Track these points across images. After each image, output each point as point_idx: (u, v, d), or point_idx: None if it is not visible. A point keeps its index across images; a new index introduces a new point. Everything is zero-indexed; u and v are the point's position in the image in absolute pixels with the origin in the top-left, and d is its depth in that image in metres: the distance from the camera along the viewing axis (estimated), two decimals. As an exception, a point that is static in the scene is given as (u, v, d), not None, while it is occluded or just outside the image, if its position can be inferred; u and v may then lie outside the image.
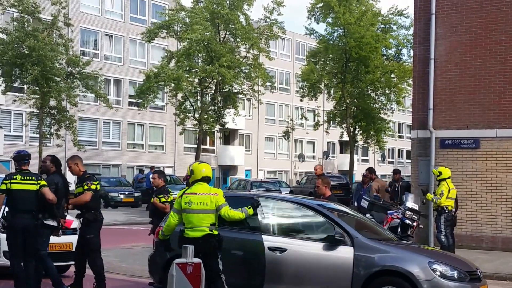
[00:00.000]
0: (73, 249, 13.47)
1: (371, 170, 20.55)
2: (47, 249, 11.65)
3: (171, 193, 14.09)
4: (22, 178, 11.45)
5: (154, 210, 13.89)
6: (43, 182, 11.52)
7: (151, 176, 14.67)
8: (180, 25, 42.26)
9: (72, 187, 12.53)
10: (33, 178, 11.51)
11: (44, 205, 11.48)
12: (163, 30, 42.41)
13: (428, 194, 17.10)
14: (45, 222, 11.50)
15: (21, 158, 11.69)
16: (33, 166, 30.98)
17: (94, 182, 11.86)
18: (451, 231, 17.24)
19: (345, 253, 10.14)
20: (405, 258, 10.02)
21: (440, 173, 17.02)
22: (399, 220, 16.14)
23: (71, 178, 47.01)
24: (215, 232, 9.83)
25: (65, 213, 11.94)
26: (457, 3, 20.77)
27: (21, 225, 11.33)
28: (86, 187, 11.73)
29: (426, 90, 21.07)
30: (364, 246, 10.14)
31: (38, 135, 37.21)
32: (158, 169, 14.65)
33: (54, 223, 11.60)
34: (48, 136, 37.18)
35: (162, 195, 13.72)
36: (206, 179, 10.09)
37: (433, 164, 20.45)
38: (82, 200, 11.71)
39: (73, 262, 13.67)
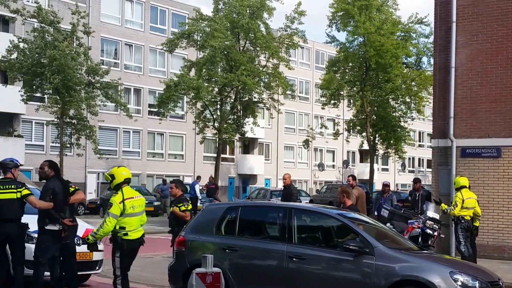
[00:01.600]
0: (94, 258, 13.54)
1: (354, 177, 20.33)
2: (46, 257, 11.62)
3: (189, 202, 14.18)
4: (2, 187, 11.53)
5: (174, 219, 13.94)
6: (25, 192, 11.57)
7: (170, 186, 14.73)
8: (200, 35, 42.38)
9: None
10: (13, 186, 11.57)
11: (42, 211, 11.57)
12: (183, 40, 42.52)
13: (442, 204, 16.98)
14: (46, 228, 11.57)
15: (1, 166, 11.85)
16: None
17: (74, 185, 12.23)
18: (472, 241, 17.08)
19: (365, 262, 10.08)
20: (426, 268, 9.94)
21: (455, 183, 16.94)
22: (419, 230, 16.04)
23: (91, 188, 46.90)
24: None
25: (77, 211, 12.11)
26: (478, 11, 20.65)
27: (5, 234, 11.43)
28: (72, 188, 12.04)
29: (446, 99, 20.94)
30: (384, 255, 10.08)
31: (59, 145, 37.38)
32: (177, 178, 14.57)
33: (55, 227, 11.60)
34: (68, 145, 37.32)
35: (181, 204, 13.82)
36: (127, 181, 10.60)
37: (453, 174, 20.29)
38: (81, 197, 12.15)
39: (93, 271, 13.73)
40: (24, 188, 11.66)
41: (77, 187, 12.25)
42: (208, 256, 9.15)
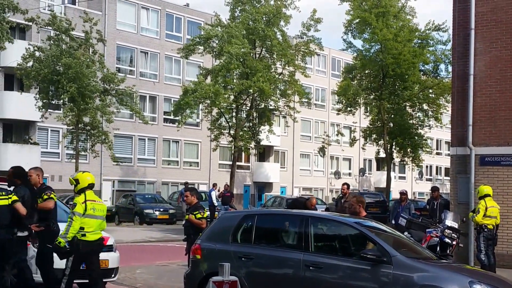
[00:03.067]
0: (109, 266, 13.47)
1: (348, 186, 20.03)
2: (9, 262, 11.88)
3: (205, 210, 14.07)
4: None
5: (190, 227, 13.83)
6: (14, 197, 11.79)
7: (185, 194, 14.62)
8: (217, 41, 42.36)
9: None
10: (3, 193, 11.77)
11: (15, 218, 11.78)
12: (199, 47, 42.48)
13: (470, 213, 16.86)
14: (16, 234, 11.84)
15: None
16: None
17: (53, 193, 12.40)
18: (492, 250, 16.90)
19: (383, 271, 9.96)
20: (445, 278, 9.79)
21: (479, 191, 16.81)
22: (438, 239, 15.88)
23: (106, 195, 46.75)
24: None
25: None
26: (497, 18, 20.46)
27: None
28: (46, 196, 12.22)
29: (465, 106, 20.73)
30: (402, 264, 9.94)
31: (74, 152, 37.39)
32: (191, 186, 14.40)
33: (24, 234, 11.94)
34: (83, 152, 37.29)
35: (197, 211, 13.70)
36: (91, 186, 11.25)
37: (472, 182, 20.10)
38: (48, 206, 12.22)
39: (109, 279, 13.63)
40: (13, 194, 11.87)
41: (52, 195, 12.31)
42: (225, 265, 9.03)
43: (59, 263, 12.08)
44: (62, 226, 12.44)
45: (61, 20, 35.24)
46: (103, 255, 13.32)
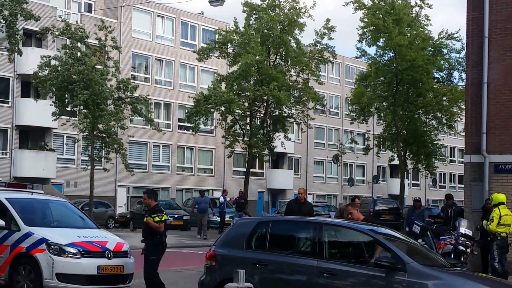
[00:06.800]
0: (124, 272, 13.57)
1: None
2: None
3: (164, 213, 13.76)
4: None
5: (147, 229, 13.65)
6: None
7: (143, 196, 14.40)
8: (232, 48, 42.49)
9: None
10: None
11: None
12: (216, 51, 42.63)
13: (484, 221, 16.85)
14: None
15: None
16: (85, 189, 31.07)
17: None
18: (505, 258, 16.92)
19: (397, 279, 10.00)
20: (459, 285, 9.84)
21: (492, 199, 16.80)
22: (452, 246, 15.89)
23: (120, 201, 46.42)
24: None
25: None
26: (511, 26, 20.44)
27: None
28: None
29: (479, 114, 20.70)
30: (417, 272, 9.98)
31: (89, 159, 37.47)
32: (149, 189, 14.33)
33: None
34: (96, 159, 37.30)
35: (155, 214, 13.47)
36: None
37: (486, 190, 20.05)
38: None
39: (124, 285, 13.72)
40: None
41: None
42: (240, 271, 9.10)
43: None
44: (72, 231, 12.50)
45: (76, 29, 35.32)
46: (118, 261, 13.46)
